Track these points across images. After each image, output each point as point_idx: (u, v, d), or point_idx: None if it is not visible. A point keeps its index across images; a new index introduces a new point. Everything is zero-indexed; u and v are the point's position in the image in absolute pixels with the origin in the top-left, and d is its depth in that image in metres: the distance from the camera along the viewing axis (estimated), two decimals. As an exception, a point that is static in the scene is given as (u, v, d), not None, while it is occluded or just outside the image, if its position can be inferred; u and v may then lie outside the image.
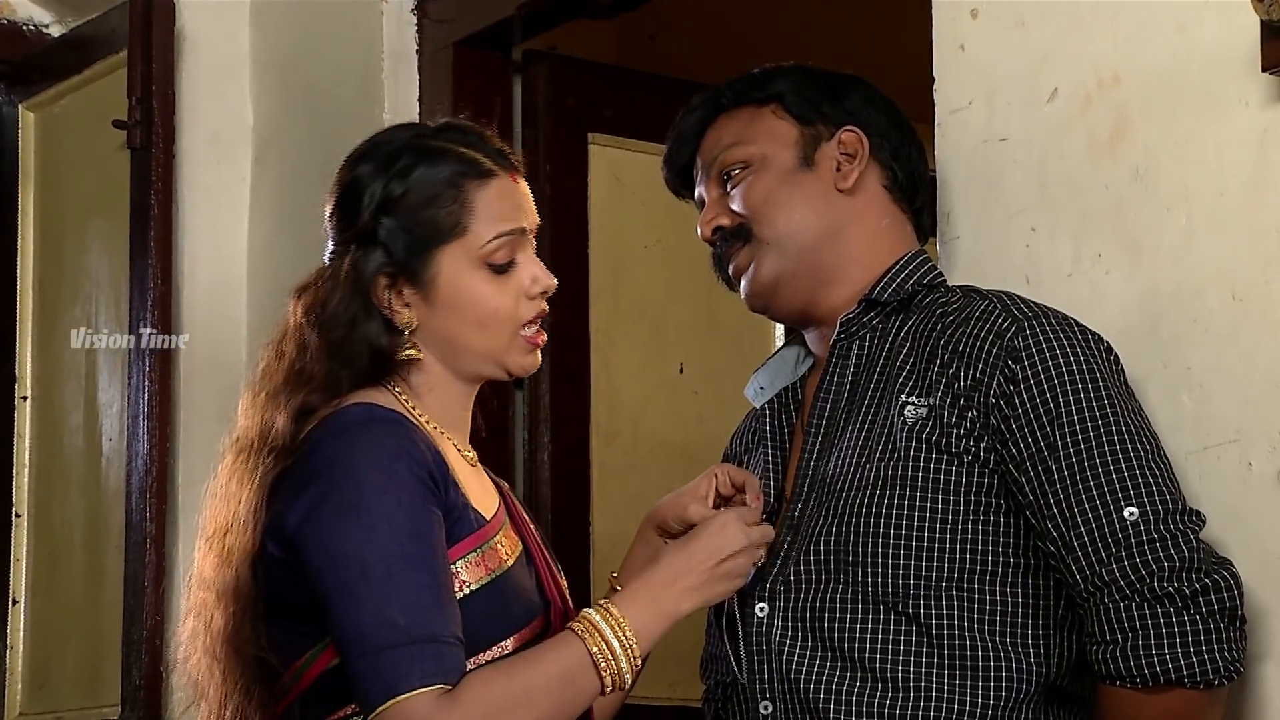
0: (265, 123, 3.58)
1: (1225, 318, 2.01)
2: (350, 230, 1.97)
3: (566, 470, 3.46)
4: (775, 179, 2.14)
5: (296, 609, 1.87)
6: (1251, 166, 1.99)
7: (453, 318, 1.96)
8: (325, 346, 1.94)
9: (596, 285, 3.56)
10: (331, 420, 1.88)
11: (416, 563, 1.81)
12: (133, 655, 3.28)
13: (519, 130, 3.48)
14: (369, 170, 1.98)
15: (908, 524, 1.95)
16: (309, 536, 1.83)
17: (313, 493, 1.84)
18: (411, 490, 1.84)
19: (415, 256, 1.95)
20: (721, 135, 2.19)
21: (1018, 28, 2.25)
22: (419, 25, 3.40)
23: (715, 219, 2.17)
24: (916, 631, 1.94)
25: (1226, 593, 1.84)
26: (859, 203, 2.15)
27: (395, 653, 1.77)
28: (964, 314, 2.02)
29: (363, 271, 1.95)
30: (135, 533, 3.32)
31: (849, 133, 2.15)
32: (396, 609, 1.78)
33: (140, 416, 3.35)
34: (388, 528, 1.81)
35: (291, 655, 1.88)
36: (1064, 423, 1.91)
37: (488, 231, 1.96)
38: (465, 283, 1.96)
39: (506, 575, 1.92)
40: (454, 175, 1.97)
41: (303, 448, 1.88)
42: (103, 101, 3.49)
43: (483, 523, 1.92)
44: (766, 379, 2.23)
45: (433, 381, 1.98)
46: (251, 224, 3.56)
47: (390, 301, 1.96)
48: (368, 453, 1.84)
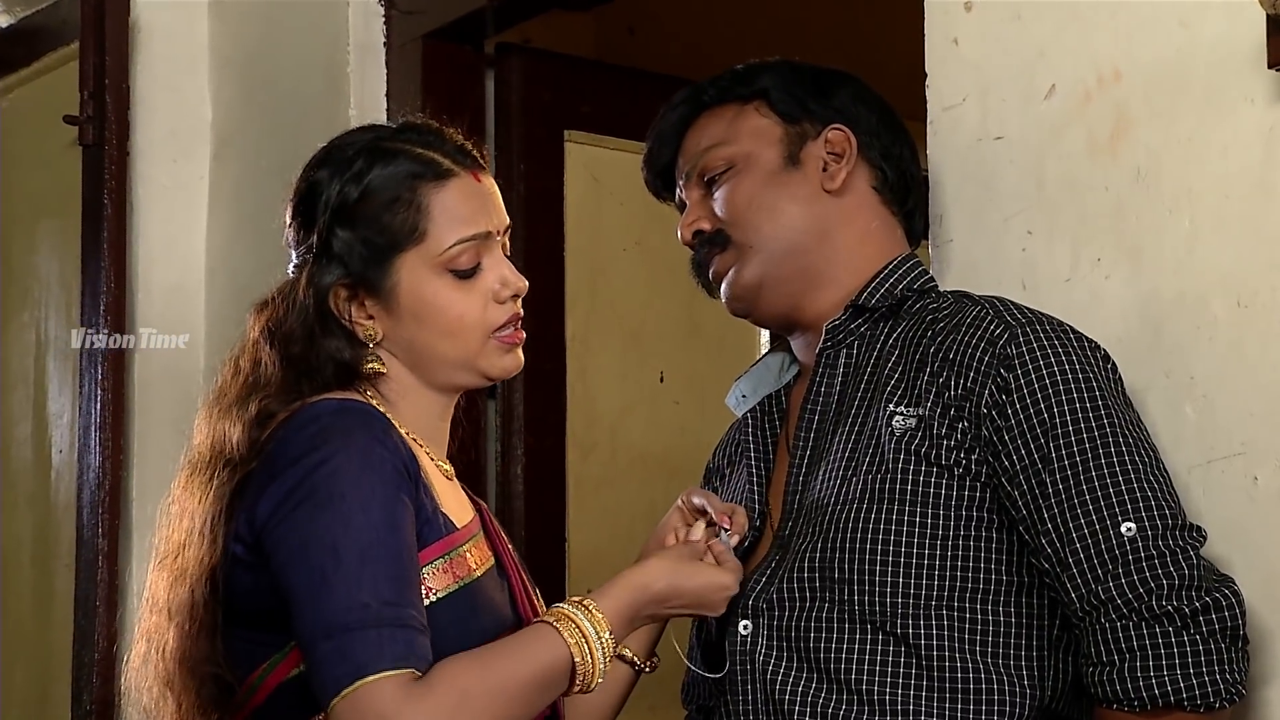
0: (224, 119, 3.58)
1: (1230, 325, 2.01)
2: (307, 241, 1.98)
3: (541, 483, 3.47)
4: (759, 180, 2.15)
5: (256, 617, 1.87)
6: (1258, 167, 1.99)
7: (417, 327, 1.96)
8: (283, 360, 1.95)
9: (573, 290, 3.57)
10: (299, 414, 1.89)
11: (389, 551, 1.81)
12: (84, 678, 3.28)
13: (492, 127, 3.48)
14: (324, 176, 1.99)
15: (895, 540, 1.96)
16: (279, 526, 1.83)
17: (282, 483, 1.84)
18: (386, 479, 1.84)
19: (373, 267, 1.95)
20: (703, 135, 2.19)
21: (1014, 21, 2.25)
22: (386, 17, 3.40)
23: (696, 222, 2.18)
24: (905, 652, 1.95)
25: (1228, 612, 1.84)
26: (847, 204, 2.16)
27: (364, 633, 1.77)
28: (955, 320, 2.03)
29: (320, 285, 1.96)
30: (86, 549, 3.32)
31: (836, 131, 2.16)
32: (367, 592, 1.78)
33: (92, 427, 3.35)
34: (361, 516, 1.81)
35: (248, 668, 1.89)
36: (1059, 434, 1.91)
37: (448, 236, 1.96)
38: (427, 290, 1.96)
39: (475, 585, 1.92)
40: (409, 178, 1.96)
41: (266, 446, 1.88)
42: (53, 95, 3.49)
43: (452, 529, 1.93)
44: (749, 387, 2.24)
45: (404, 390, 1.98)
46: (210, 225, 3.57)
47: (351, 314, 1.96)
48: (340, 440, 1.84)
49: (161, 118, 3.55)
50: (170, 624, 1.91)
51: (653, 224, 3.55)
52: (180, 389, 3.37)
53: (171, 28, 3.56)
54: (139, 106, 3.50)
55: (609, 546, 2.74)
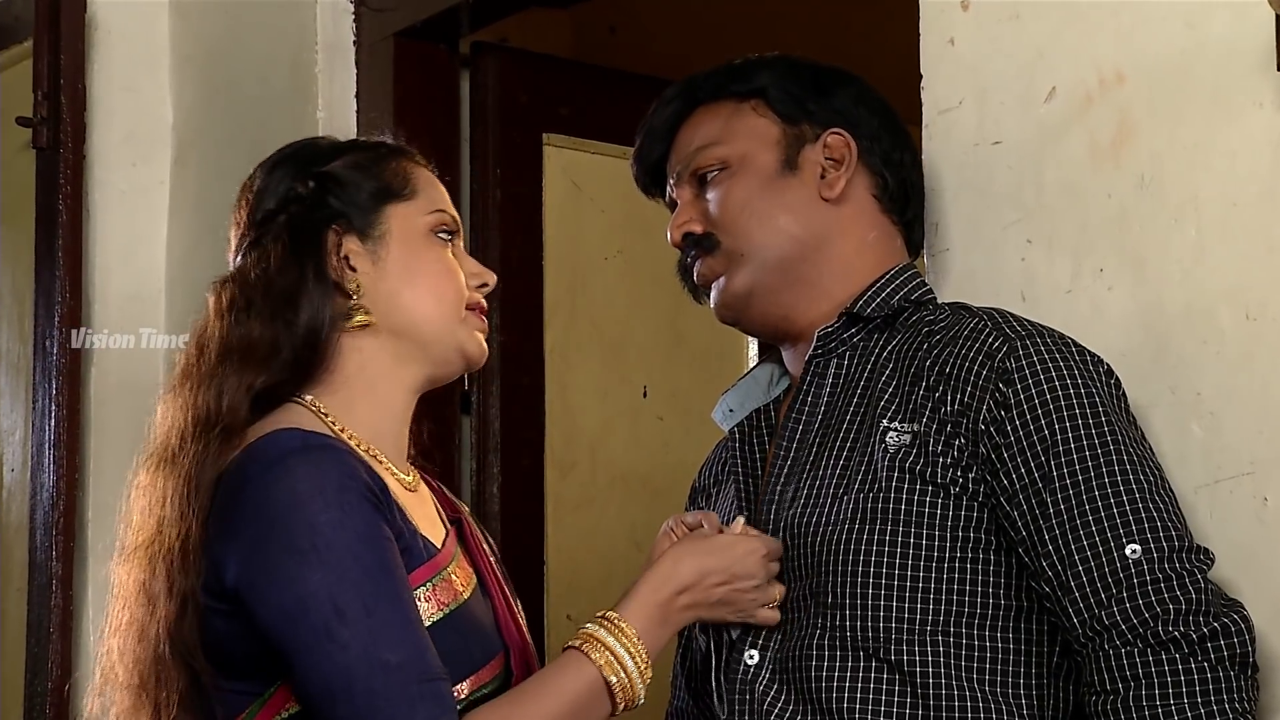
0: (186, 121, 3.58)
1: (1238, 338, 2.02)
2: (280, 198, 2.00)
3: (518, 503, 3.46)
4: (754, 184, 2.14)
5: (229, 664, 1.86)
6: (1266, 174, 2.00)
7: (403, 280, 1.98)
8: (267, 310, 1.94)
9: (552, 300, 3.57)
10: (259, 450, 1.87)
11: (391, 596, 1.81)
12: (36, 709, 3.27)
13: (467, 130, 3.49)
14: (288, 168, 2.02)
15: (889, 562, 1.96)
16: (258, 584, 1.81)
17: (253, 534, 1.82)
18: (367, 519, 1.84)
19: (365, 212, 1.99)
20: (696, 132, 2.19)
21: (1012, 21, 2.26)
22: (356, 14, 3.41)
23: (686, 224, 2.17)
24: (899, 680, 1.94)
25: (1237, 638, 1.84)
26: (844, 213, 2.15)
27: (394, 697, 1.77)
28: (952, 333, 2.03)
29: (309, 221, 1.98)
30: (39, 574, 3.31)
31: (836, 135, 2.16)
32: (385, 648, 1.78)
33: (46, 445, 3.34)
34: (353, 562, 1.80)
35: (228, 717, 1.87)
36: (1060, 451, 1.91)
37: (436, 200, 2.03)
38: (417, 245, 2.00)
39: (464, 609, 1.92)
40: (389, 153, 2.04)
41: (230, 479, 1.87)
42: (6, 96, 3.49)
43: (434, 552, 1.93)
44: (736, 400, 2.23)
45: (370, 381, 1.98)
46: (170, 232, 3.57)
47: (337, 260, 1.97)
48: (310, 483, 1.83)
49: (120, 120, 3.55)
50: (149, 609, 1.87)
51: (635, 232, 3.56)
52: (138, 405, 3.36)
53: (130, 25, 3.56)
54: (96, 108, 3.50)
55: (589, 570, 2.73)
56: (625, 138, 2.28)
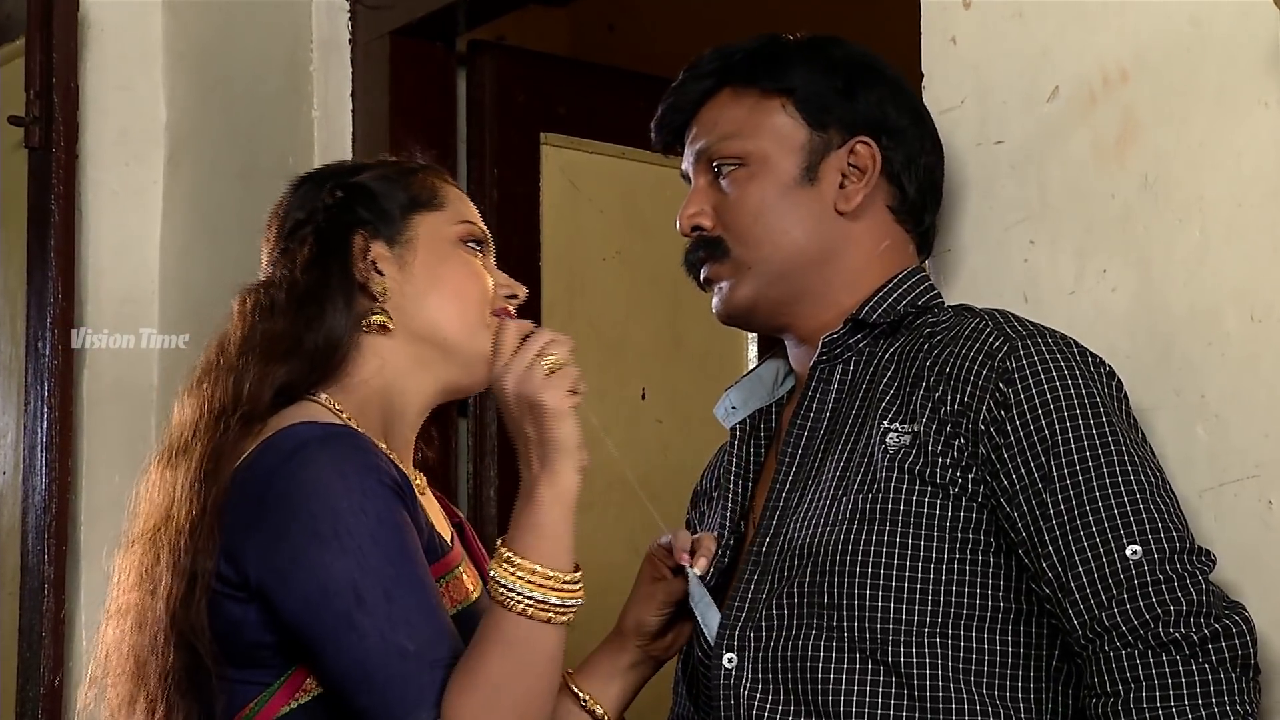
0: (179, 120, 3.59)
1: (1244, 341, 2.02)
2: (309, 209, 2.03)
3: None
4: (772, 192, 2.12)
5: (245, 652, 1.87)
6: (1273, 173, 2.00)
7: (428, 287, 2.01)
8: (290, 308, 1.98)
9: (550, 301, 3.57)
10: (278, 440, 1.89)
11: (412, 582, 1.84)
12: (28, 713, 3.28)
13: (464, 129, 3.49)
14: (316, 183, 2.07)
15: (887, 563, 1.96)
16: (281, 571, 1.83)
17: (274, 522, 1.85)
18: (389, 505, 1.86)
19: (394, 220, 2.03)
20: (721, 115, 2.17)
21: (1015, 19, 2.26)
22: (352, 12, 3.41)
23: (697, 216, 2.15)
24: (896, 682, 1.94)
25: (1239, 639, 1.84)
26: (858, 227, 2.14)
27: (407, 681, 1.80)
28: (953, 333, 2.03)
29: (336, 226, 2.01)
30: (31, 577, 3.32)
31: (864, 145, 2.14)
32: (404, 634, 1.81)
33: (38, 447, 3.35)
34: (374, 549, 1.83)
35: (231, 708, 1.88)
36: (1060, 452, 1.92)
37: (464, 212, 2.07)
38: (444, 252, 2.03)
39: (473, 609, 1.94)
40: (418, 168, 2.09)
41: (247, 471, 1.88)
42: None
43: (447, 549, 1.95)
44: (739, 398, 2.23)
45: (384, 387, 1.99)
46: (164, 232, 3.57)
47: (364, 264, 2.00)
48: (332, 470, 1.85)
49: (112, 119, 3.56)
50: (149, 593, 1.89)
51: (633, 232, 3.56)
52: (131, 407, 3.37)
53: (123, 23, 3.57)
54: (88, 107, 3.51)
55: (587, 575, 2.70)
56: (624, 137, 2.29)
